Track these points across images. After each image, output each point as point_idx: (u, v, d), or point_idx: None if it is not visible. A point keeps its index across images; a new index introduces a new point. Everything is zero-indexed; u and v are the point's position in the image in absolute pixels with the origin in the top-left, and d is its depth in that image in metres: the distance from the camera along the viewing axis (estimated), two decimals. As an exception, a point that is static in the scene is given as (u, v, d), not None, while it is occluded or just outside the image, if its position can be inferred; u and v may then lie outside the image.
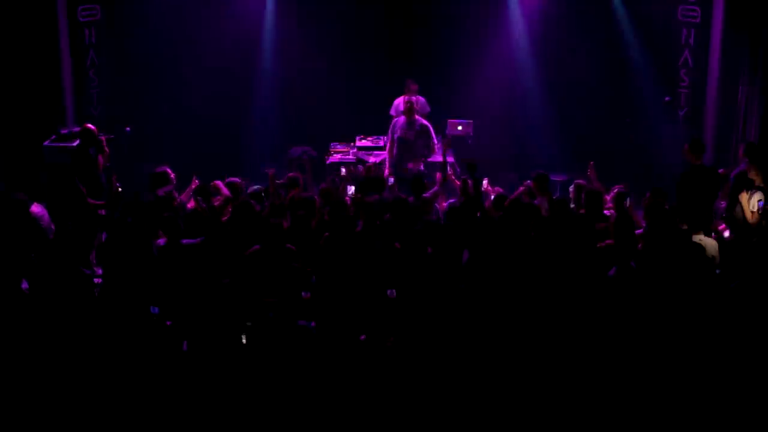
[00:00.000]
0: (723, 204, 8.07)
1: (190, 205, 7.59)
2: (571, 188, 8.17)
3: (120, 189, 7.82)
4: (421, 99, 10.94)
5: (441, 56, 11.69)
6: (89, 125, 8.64)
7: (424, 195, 7.87)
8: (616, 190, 7.70)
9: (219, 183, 7.76)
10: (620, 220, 6.69)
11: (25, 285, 6.85)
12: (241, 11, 11.59)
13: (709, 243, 6.80)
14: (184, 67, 11.32)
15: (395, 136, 9.67)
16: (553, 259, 6.31)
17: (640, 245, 6.51)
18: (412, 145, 9.65)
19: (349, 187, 8.56)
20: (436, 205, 8.11)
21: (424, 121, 9.79)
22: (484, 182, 8.48)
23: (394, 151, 9.69)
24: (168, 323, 6.23)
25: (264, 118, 11.97)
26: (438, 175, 8.43)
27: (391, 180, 9.06)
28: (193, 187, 7.70)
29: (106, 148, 8.69)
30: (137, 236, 6.70)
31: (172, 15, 11.10)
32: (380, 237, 6.69)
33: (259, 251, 6.48)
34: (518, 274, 6.24)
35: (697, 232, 6.82)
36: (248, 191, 7.90)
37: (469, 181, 7.73)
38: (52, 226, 7.34)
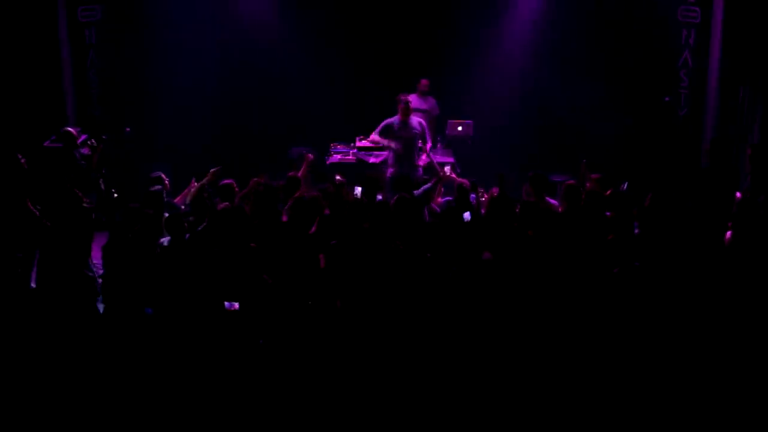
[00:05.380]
0: None
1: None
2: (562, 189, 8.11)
3: (115, 193, 7.81)
4: (432, 100, 10.96)
5: (441, 56, 11.69)
6: (69, 128, 8.63)
7: (414, 192, 7.87)
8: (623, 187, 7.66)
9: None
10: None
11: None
12: (241, 11, 11.59)
13: None
14: (184, 67, 11.31)
15: (394, 135, 9.63)
16: (548, 260, 6.32)
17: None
18: (410, 142, 9.62)
19: (355, 188, 8.54)
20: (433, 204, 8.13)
21: (418, 118, 9.76)
22: (447, 168, 8.42)
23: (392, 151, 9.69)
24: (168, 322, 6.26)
25: (264, 118, 11.98)
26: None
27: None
28: (192, 189, 7.71)
29: (99, 148, 8.66)
30: (139, 237, 6.70)
31: (172, 15, 11.10)
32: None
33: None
34: (514, 273, 6.25)
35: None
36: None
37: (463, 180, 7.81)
38: None
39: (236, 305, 6.28)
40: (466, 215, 7.19)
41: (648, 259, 6.26)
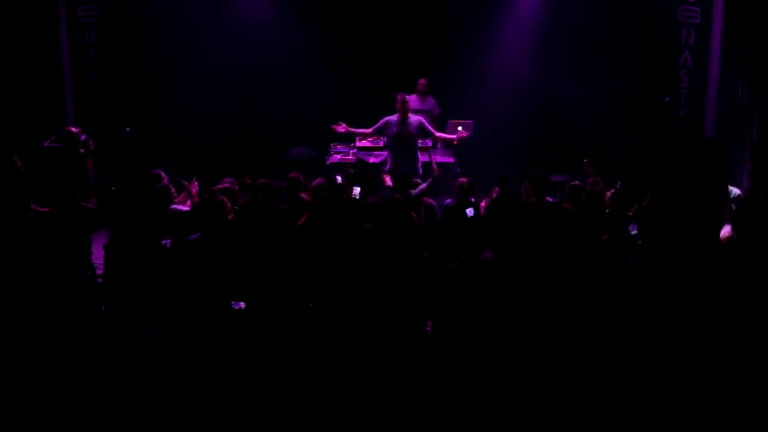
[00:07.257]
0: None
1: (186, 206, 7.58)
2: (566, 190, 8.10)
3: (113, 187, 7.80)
4: (432, 100, 10.96)
5: (441, 56, 11.70)
6: (71, 128, 8.63)
7: (410, 192, 7.87)
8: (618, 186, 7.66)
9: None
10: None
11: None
12: (241, 11, 11.60)
13: None
14: (184, 67, 11.32)
15: (390, 133, 9.64)
16: (549, 260, 6.31)
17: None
18: (409, 141, 9.62)
19: (354, 188, 8.54)
20: (432, 202, 8.15)
21: (417, 117, 9.77)
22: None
23: (390, 149, 9.70)
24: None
25: (264, 118, 11.98)
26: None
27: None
28: (194, 189, 7.70)
29: (92, 147, 8.69)
30: (142, 237, 6.70)
31: (172, 15, 11.11)
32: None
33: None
34: (515, 274, 6.25)
35: None
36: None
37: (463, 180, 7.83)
38: None
39: (242, 305, 6.29)
40: (469, 211, 7.19)
41: (647, 259, 6.26)
